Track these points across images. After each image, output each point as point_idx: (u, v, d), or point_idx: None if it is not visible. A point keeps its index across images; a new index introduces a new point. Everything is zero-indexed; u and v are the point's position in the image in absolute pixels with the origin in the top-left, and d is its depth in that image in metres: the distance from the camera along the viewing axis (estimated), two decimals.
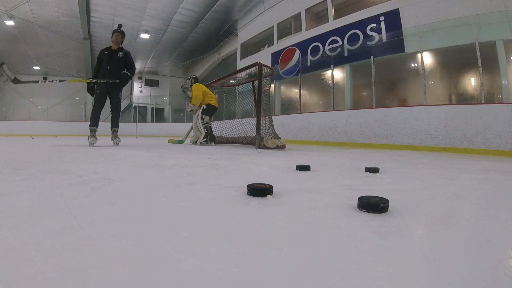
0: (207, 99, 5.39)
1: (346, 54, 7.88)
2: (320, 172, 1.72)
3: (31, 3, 10.68)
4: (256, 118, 4.37)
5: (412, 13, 6.53)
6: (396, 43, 6.73)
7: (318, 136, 6.67)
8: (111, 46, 4.28)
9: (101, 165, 1.84)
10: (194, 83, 5.62)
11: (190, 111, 5.60)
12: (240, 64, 11.73)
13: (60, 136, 11.10)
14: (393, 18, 6.86)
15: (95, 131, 4.06)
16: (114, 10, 11.67)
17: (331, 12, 8.35)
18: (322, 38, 8.52)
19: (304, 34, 9.11)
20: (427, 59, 6.60)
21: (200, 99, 5.27)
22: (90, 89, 4.23)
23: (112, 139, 4.38)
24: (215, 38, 13.76)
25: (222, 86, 6.92)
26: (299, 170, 1.74)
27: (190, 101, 5.50)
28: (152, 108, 16.97)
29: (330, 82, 7.79)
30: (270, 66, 7.68)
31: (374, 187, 1.24)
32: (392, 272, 0.46)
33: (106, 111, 4.33)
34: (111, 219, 0.71)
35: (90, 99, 16.06)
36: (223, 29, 12.85)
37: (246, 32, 11.85)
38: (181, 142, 5.66)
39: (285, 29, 10.18)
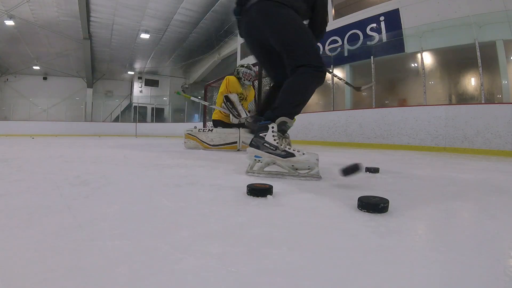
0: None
1: (346, 54, 7.87)
2: (320, 172, 1.71)
3: (31, 3, 10.68)
4: None
5: (412, 13, 6.53)
6: (396, 43, 6.73)
7: (318, 136, 6.67)
8: None
9: (101, 165, 1.84)
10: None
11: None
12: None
13: (60, 136, 11.11)
14: (393, 18, 6.86)
15: None
16: (114, 10, 11.67)
17: (331, 12, 8.34)
18: None
19: None
20: (427, 59, 6.60)
21: None
22: None
23: None
24: (215, 38, 13.76)
25: None
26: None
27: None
28: (152, 108, 17.00)
29: (330, 82, 7.79)
30: None
31: (374, 187, 1.23)
32: (392, 272, 0.46)
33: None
34: (111, 219, 0.71)
35: (90, 99, 16.13)
36: (223, 29, 12.86)
37: None
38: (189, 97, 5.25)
39: None
